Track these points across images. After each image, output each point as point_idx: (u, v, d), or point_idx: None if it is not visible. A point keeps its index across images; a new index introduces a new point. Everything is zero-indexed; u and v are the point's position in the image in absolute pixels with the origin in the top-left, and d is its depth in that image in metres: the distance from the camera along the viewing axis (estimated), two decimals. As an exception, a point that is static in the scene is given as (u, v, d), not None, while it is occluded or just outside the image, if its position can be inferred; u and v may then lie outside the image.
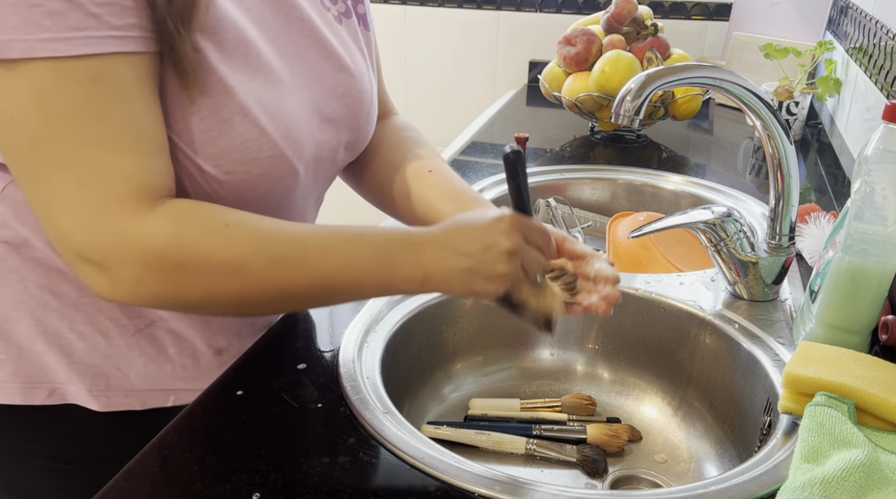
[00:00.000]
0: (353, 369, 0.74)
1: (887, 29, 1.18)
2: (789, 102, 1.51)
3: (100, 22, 0.55)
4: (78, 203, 0.57)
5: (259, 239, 0.61)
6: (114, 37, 0.56)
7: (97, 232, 0.57)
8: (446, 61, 2.17)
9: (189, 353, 0.76)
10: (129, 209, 0.58)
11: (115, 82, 0.57)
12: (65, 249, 0.59)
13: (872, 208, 0.71)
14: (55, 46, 0.54)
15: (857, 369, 0.66)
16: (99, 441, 0.77)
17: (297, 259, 0.61)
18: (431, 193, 0.79)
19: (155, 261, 0.58)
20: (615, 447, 0.81)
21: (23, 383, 0.73)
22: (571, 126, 1.61)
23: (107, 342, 0.73)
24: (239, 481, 0.60)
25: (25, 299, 0.72)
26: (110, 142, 0.57)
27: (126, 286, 0.59)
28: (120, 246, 0.58)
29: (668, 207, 1.29)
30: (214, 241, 0.60)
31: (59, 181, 0.57)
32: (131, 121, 0.58)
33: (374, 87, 0.81)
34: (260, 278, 0.61)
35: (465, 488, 0.60)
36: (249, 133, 0.64)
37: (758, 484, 0.61)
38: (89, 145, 0.57)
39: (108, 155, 0.57)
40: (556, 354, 0.96)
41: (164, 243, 0.58)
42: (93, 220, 0.57)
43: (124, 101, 0.57)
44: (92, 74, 0.56)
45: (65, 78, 0.55)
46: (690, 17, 1.96)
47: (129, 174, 0.58)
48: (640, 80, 0.79)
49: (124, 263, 0.58)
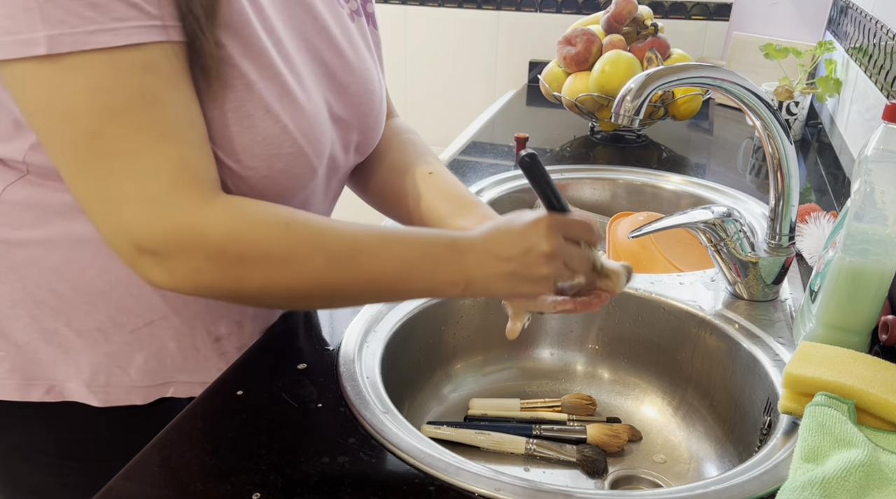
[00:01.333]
0: (353, 369, 0.74)
1: (887, 29, 1.18)
2: (789, 102, 1.51)
3: (140, 12, 0.55)
4: (138, 194, 0.57)
5: (316, 236, 0.62)
6: (156, 26, 0.56)
7: (159, 222, 0.58)
8: (446, 61, 2.17)
9: (189, 344, 0.76)
10: (189, 199, 0.58)
11: (164, 70, 0.57)
12: (122, 241, 0.59)
13: (872, 208, 0.71)
14: (103, 38, 0.54)
15: (857, 369, 0.66)
16: (102, 437, 0.77)
17: (352, 257, 0.63)
18: (432, 194, 0.80)
19: (217, 253, 0.59)
20: (615, 447, 0.81)
21: (20, 379, 0.74)
22: (571, 126, 1.61)
23: (105, 340, 0.73)
24: (239, 481, 0.60)
25: (23, 298, 0.72)
26: (167, 130, 0.58)
27: (185, 276, 0.60)
28: (182, 237, 0.58)
29: (668, 207, 1.29)
30: (275, 236, 0.61)
31: (119, 174, 0.57)
32: (184, 108, 0.59)
33: (383, 88, 0.81)
34: (316, 275, 0.62)
35: (465, 488, 0.60)
36: (271, 129, 0.64)
37: (758, 484, 0.61)
38: (148, 135, 0.57)
39: (166, 143, 0.58)
40: (556, 354, 0.96)
41: (226, 236, 0.59)
42: (154, 210, 0.58)
43: (175, 89, 0.58)
44: (143, 64, 0.56)
45: (119, 69, 0.55)
46: (690, 17, 1.96)
47: (186, 162, 0.59)
48: (640, 80, 0.79)
49: (184, 252, 0.59)
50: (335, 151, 0.74)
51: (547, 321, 0.96)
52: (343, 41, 0.74)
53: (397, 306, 0.86)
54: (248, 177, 0.65)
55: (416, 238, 0.65)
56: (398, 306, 0.86)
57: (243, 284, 0.61)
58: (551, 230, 0.65)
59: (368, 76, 0.77)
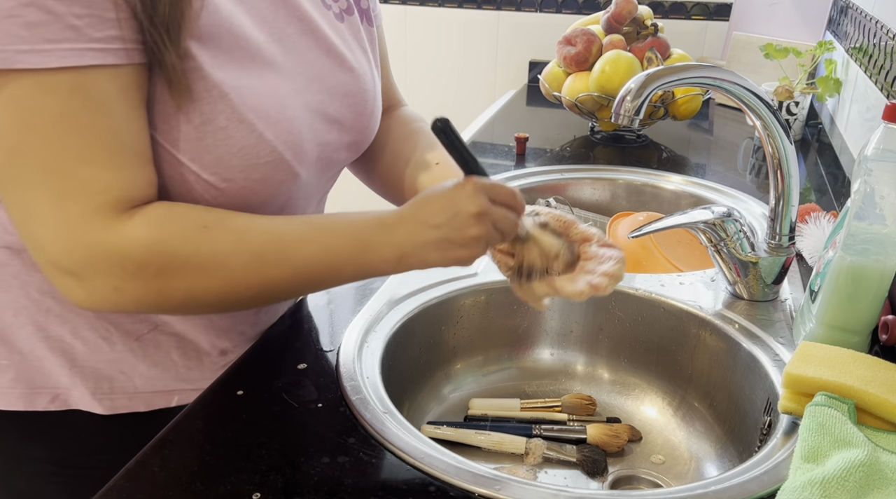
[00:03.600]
0: (353, 369, 0.74)
1: (887, 29, 1.18)
2: (789, 102, 1.51)
3: (79, 34, 0.54)
4: (55, 214, 0.57)
5: (238, 236, 0.61)
6: (93, 49, 0.55)
7: (74, 243, 0.57)
8: (446, 61, 2.17)
9: (193, 355, 0.76)
10: (107, 220, 0.58)
11: (94, 94, 0.56)
12: (41, 259, 0.59)
13: (872, 208, 0.71)
14: (32, 58, 0.53)
15: (857, 369, 0.66)
16: (102, 445, 0.76)
17: (276, 252, 0.62)
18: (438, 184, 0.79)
19: (136, 269, 0.59)
20: (615, 447, 0.81)
21: (24, 388, 0.73)
22: (571, 126, 1.61)
23: (110, 347, 0.73)
24: (239, 481, 0.60)
25: (27, 305, 0.71)
26: (88, 154, 0.57)
27: (104, 296, 0.59)
28: (97, 257, 0.58)
29: (668, 207, 1.29)
30: (194, 242, 0.60)
31: (36, 192, 0.57)
32: (111, 133, 0.58)
33: (376, 86, 0.80)
34: (241, 275, 0.61)
35: (465, 488, 0.60)
36: (247, 139, 0.63)
37: (758, 484, 0.61)
38: (67, 157, 0.56)
39: (86, 167, 0.57)
40: (556, 354, 0.96)
41: (144, 250, 0.58)
42: (69, 231, 0.57)
43: (103, 114, 0.57)
44: (70, 87, 0.55)
45: (43, 90, 0.55)
46: (690, 17, 1.96)
47: (107, 186, 0.58)
48: (640, 80, 0.79)
49: (102, 273, 0.58)
50: (325, 152, 0.73)
51: (547, 321, 0.96)
52: (333, 41, 0.73)
53: (397, 306, 0.86)
54: (226, 189, 0.64)
55: (343, 223, 0.65)
56: (398, 306, 0.86)
57: (167, 296, 0.61)
58: (477, 192, 0.64)
59: (361, 74, 0.76)
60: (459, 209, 0.64)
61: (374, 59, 0.81)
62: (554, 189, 1.30)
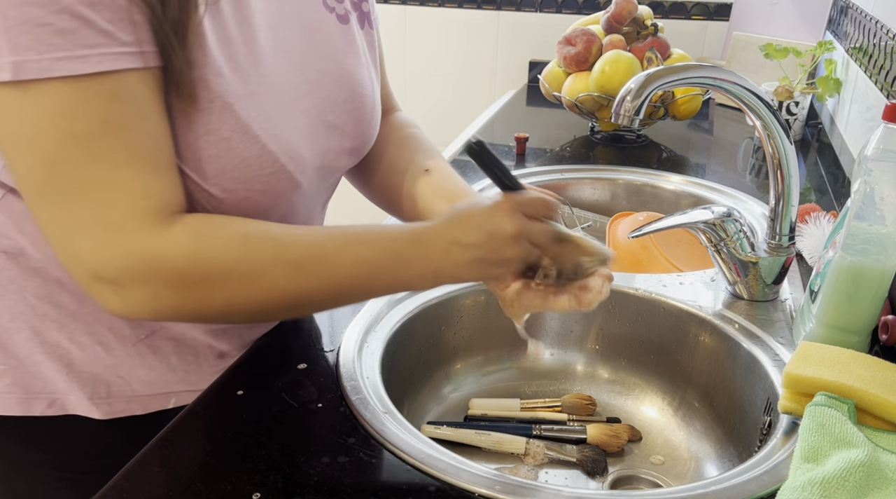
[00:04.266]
0: (353, 369, 0.74)
1: (887, 29, 1.18)
2: (789, 102, 1.51)
3: (111, 39, 0.54)
4: (98, 223, 0.57)
5: (277, 247, 0.61)
6: (127, 53, 0.55)
7: (116, 251, 0.57)
8: (446, 61, 2.17)
9: (191, 358, 0.76)
10: (148, 227, 0.58)
11: (133, 98, 0.56)
12: (79, 269, 0.58)
13: (872, 208, 0.71)
14: (70, 65, 0.53)
15: (857, 369, 0.66)
16: (102, 449, 0.76)
17: (315, 264, 0.62)
18: (428, 193, 0.79)
19: (176, 278, 0.58)
20: (615, 447, 0.81)
21: (21, 393, 0.73)
22: (571, 126, 1.61)
23: (107, 353, 0.73)
24: (239, 481, 0.60)
25: (24, 310, 0.71)
26: (130, 159, 0.57)
27: (142, 304, 0.59)
28: (137, 265, 0.58)
29: (668, 207, 1.29)
30: (235, 254, 0.60)
31: (78, 201, 0.56)
32: (150, 136, 0.58)
33: (375, 90, 0.80)
34: (281, 286, 0.61)
35: (465, 488, 0.60)
36: (249, 151, 0.63)
37: (758, 484, 0.61)
38: (109, 163, 0.56)
39: (128, 172, 0.57)
40: (556, 354, 0.96)
41: (185, 260, 0.58)
42: (110, 239, 0.57)
43: (143, 117, 0.57)
44: (110, 91, 0.55)
45: (84, 96, 0.54)
46: (690, 17, 1.96)
47: (148, 191, 0.58)
48: (640, 80, 0.79)
49: (142, 281, 0.58)
50: (327, 159, 0.73)
51: (547, 321, 0.96)
52: (332, 47, 0.73)
53: (397, 306, 0.86)
54: (226, 199, 0.64)
55: (379, 236, 0.65)
56: (398, 306, 0.86)
57: (206, 305, 0.61)
58: (514, 211, 0.64)
59: (360, 80, 0.76)
60: (496, 229, 0.63)
61: (374, 64, 0.81)
62: (554, 189, 1.30)
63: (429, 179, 0.80)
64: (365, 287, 0.65)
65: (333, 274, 0.62)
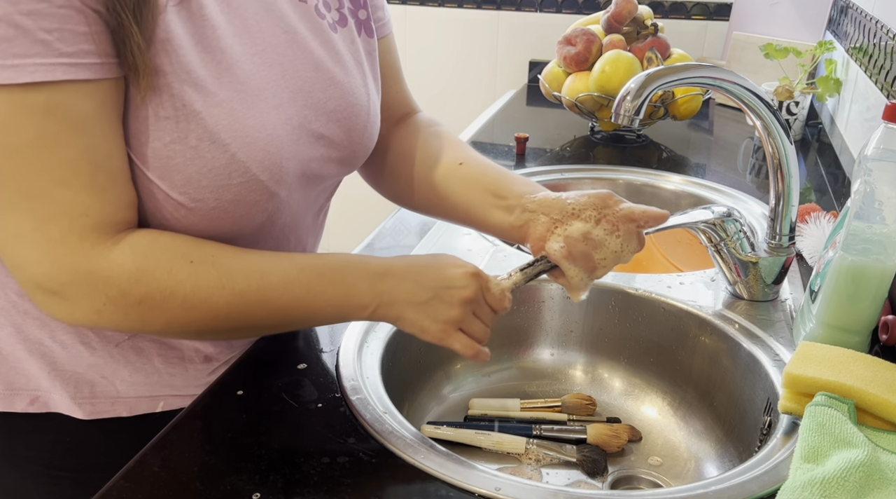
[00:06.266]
0: (353, 369, 0.74)
1: (887, 29, 1.18)
2: (789, 102, 1.51)
3: (49, 48, 0.53)
4: (36, 236, 0.56)
5: (222, 274, 0.61)
6: (65, 64, 0.54)
7: (57, 265, 0.57)
8: (446, 61, 2.17)
9: (176, 361, 0.75)
10: (90, 244, 0.57)
11: (70, 113, 0.55)
12: (22, 277, 0.59)
13: (872, 208, 0.71)
14: (1, 74, 0.52)
15: (857, 369, 0.66)
16: (89, 448, 0.76)
17: (260, 293, 0.62)
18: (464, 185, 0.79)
19: (118, 296, 0.58)
20: (615, 447, 0.81)
21: (4, 389, 0.73)
22: (571, 126, 1.61)
23: (89, 352, 0.72)
24: (239, 481, 0.60)
25: (5, 306, 0.71)
26: (66, 176, 0.56)
27: (85, 315, 0.60)
28: (81, 279, 0.58)
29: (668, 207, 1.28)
30: (178, 277, 0.60)
31: (16, 213, 0.56)
32: (88, 153, 0.56)
33: (370, 100, 0.77)
34: (223, 312, 0.62)
35: (465, 488, 0.60)
36: (218, 160, 0.61)
37: (758, 484, 0.61)
38: (45, 179, 0.55)
39: (65, 190, 0.56)
40: (556, 354, 0.96)
41: (127, 279, 0.58)
42: (52, 253, 0.57)
43: (80, 133, 0.56)
44: (44, 105, 0.54)
45: (17, 109, 0.53)
46: (690, 17, 1.96)
47: (87, 209, 0.57)
48: (640, 80, 0.79)
49: (85, 295, 0.58)
50: (311, 168, 0.71)
51: (547, 321, 0.96)
52: (321, 53, 0.71)
53: (397, 306, 0.86)
54: (195, 208, 0.62)
55: (329, 267, 0.65)
56: (398, 306, 0.86)
57: (147, 323, 0.61)
58: (476, 280, 0.67)
59: (351, 89, 0.73)
60: (453, 284, 0.65)
61: (372, 73, 0.78)
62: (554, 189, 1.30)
63: (463, 172, 0.79)
64: (309, 317, 0.66)
65: (278, 303, 0.63)
